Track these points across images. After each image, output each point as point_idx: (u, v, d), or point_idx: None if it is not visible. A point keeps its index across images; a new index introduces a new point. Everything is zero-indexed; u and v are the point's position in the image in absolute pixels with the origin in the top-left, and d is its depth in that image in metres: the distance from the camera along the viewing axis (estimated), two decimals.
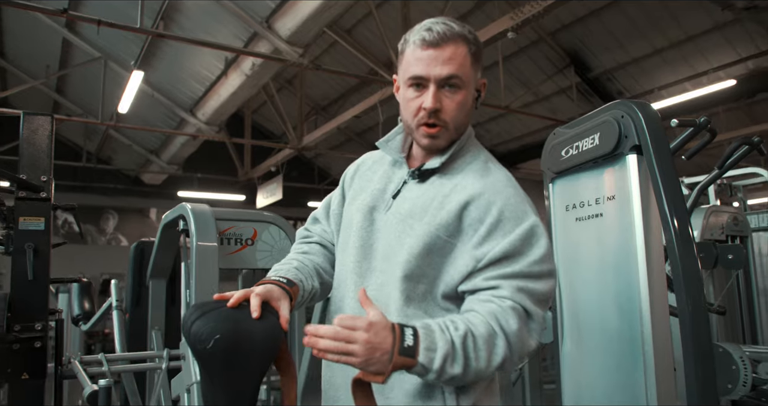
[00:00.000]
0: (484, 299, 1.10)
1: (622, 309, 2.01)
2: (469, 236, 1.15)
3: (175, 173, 12.97)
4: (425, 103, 1.17)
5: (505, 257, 1.11)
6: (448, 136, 1.22)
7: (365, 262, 1.23)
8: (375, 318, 0.99)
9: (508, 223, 1.14)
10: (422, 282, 1.16)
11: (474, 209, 1.16)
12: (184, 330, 1.05)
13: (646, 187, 1.96)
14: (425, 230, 1.16)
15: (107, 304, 2.85)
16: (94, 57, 9.39)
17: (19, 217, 1.81)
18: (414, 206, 1.21)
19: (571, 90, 10.29)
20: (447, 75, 1.16)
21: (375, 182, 1.31)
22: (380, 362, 0.97)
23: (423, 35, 1.17)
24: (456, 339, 1.02)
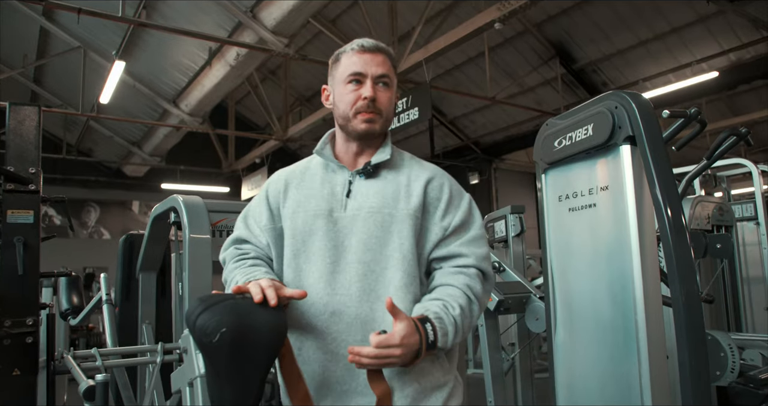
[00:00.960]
0: (454, 272, 1.37)
1: (615, 299, 2.02)
2: (432, 213, 1.40)
3: (158, 165, 12.84)
4: (365, 93, 1.38)
5: (462, 224, 1.41)
6: (382, 122, 1.43)
7: (341, 260, 1.35)
8: (404, 331, 1.19)
9: (456, 198, 1.44)
10: (413, 258, 1.36)
11: (431, 190, 1.42)
12: (188, 323, 1.04)
13: (639, 177, 1.96)
14: (406, 213, 1.37)
15: (97, 297, 2.81)
16: (73, 47, 9.23)
17: (7, 210, 1.76)
18: (383, 197, 1.39)
19: (557, 81, 10.34)
20: (381, 73, 1.40)
21: (319, 188, 1.44)
22: (412, 359, 1.21)
23: (361, 43, 1.43)
24: (457, 318, 1.28)
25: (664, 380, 1.91)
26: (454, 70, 10.93)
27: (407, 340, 1.18)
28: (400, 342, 1.17)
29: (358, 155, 1.46)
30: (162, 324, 2.88)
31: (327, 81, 1.53)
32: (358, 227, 1.36)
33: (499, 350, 3.05)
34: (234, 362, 1.01)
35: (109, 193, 13.84)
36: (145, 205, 14.58)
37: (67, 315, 2.93)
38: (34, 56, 10.28)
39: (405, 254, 1.34)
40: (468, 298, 1.33)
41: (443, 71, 10.88)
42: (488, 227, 3.90)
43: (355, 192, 1.41)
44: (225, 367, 1.02)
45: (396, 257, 1.34)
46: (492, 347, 2.96)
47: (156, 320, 2.88)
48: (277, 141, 10.89)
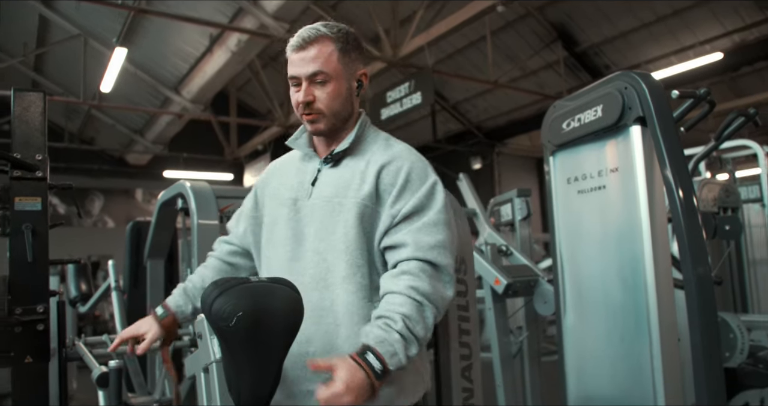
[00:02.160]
0: (396, 273, 1.28)
1: (626, 281, 2.02)
2: (384, 199, 1.34)
3: (161, 153, 12.81)
4: (299, 97, 1.37)
5: (414, 211, 1.32)
6: (327, 121, 1.39)
7: (299, 247, 1.36)
8: (345, 376, 1.12)
9: (415, 183, 1.35)
10: (361, 249, 1.32)
11: (386, 175, 1.35)
12: (204, 308, 1.04)
13: (650, 158, 1.95)
14: (354, 202, 1.33)
15: (105, 285, 2.81)
16: (73, 34, 9.16)
17: (15, 197, 1.75)
18: (337, 186, 1.37)
19: (559, 65, 10.26)
20: (313, 72, 1.35)
21: (291, 178, 1.46)
22: (367, 396, 1.14)
23: (294, 42, 1.37)
24: (402, 332, 1.20)
25: (676, 361, 1.91)
26: (455, 54, 10.86)
27: (352, 383, 1.12)
28: (345, 389, 1.11)
29: (328, 145, 1.46)
30: None
31: None
32: (315, 216, 1.37)
33: (507, 333, 3.06)
34: (251, 345, 1.01)
35: (112, 182, 13.84)
36: (149, 193, 14.58)
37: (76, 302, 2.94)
38: (34, 44, 10.22)
39: (348, 245, 1.32)
40: (414, 302, 1.24)
41: (445, 56, 10.80)
42: (494, 210, 3.89)
43: (320, 180, 1.42)
44: (242, 351, 1.02)
45: (340, 247, 1.33)
46: (500, 331, 2.97)
47: None
48: (279, 128, 10.86)
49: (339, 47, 1.38)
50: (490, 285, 2.94)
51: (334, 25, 1.40)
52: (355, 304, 1.30)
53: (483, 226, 3.54)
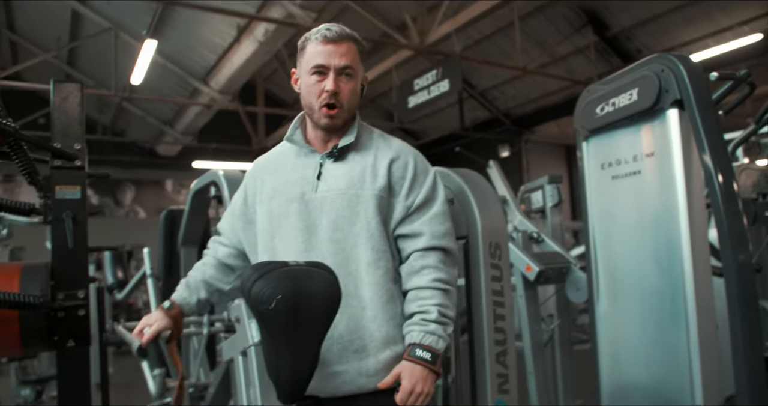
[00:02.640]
0: (418, 270, 1.44)
1: (662, 267, 1.99)
2: (397, 191, 1.47)
3: (190, 144, 12.96)
4: (327, 87, 1.43)
5: (425, 201, 1.48)
6: (344, 116, 1.48)
7: (313, 238, 1.44)
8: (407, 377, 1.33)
9: (421, 175, 1.50)
10: (383, 236, 1.44)
11: (396, 169, 1.49)
12: (243, 292, 1.06)
13: (687, 142, 1.91)
14: (371, 194, 1.44)
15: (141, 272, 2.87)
16: (104, 28, 9.30)
17: (55, 186, 1.79)
18: (350, 179, 1.46)
19: (589, 50, 10.07)
20: (344, 65, 1.44)
21: (291, 173, 1.53)
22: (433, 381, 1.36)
23: (324, 33, 1.45)
24: (438, 319, 1.39)
25: (714, 349, 1.88)
26: (483, 40, 10.73)
27: (415, 379, 1.33)
28: (412, 388, 1.33)
29: (326, 140, 1.53)
30: None
31: (367, 49, 1.56)
32: (327, 207, 1.45)
33: (538, 321, 3.04)
34: (291, 328, 1.02)
35: (143, 173, 14.07)
36: (179, 183, 14.80)
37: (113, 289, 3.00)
38: (67, 39, 10.40)
39: (372, 232, 1.43)
40: (441, 291, 1.42)
41: (472, 42, 10.68)
42: (524, 197, 3.86)
43: (325, 174, 1.49)
44: (282, 333, 1.03)
45: (364, 235, 1.43)
46: (531, 318, 2.96)
47: None
48: None
49: (359, 49, 1.50)
50: (521, 272, 2.92)
51: (351, 31, 1.51)
52: (381, 286, 1.42)
53: (513, 213, 3.52)
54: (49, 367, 4.84)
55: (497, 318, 1.63)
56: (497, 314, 1.64)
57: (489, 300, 1.65)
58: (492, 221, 1.75)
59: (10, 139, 1.62)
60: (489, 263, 1.70)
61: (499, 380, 1.62)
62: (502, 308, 1.65)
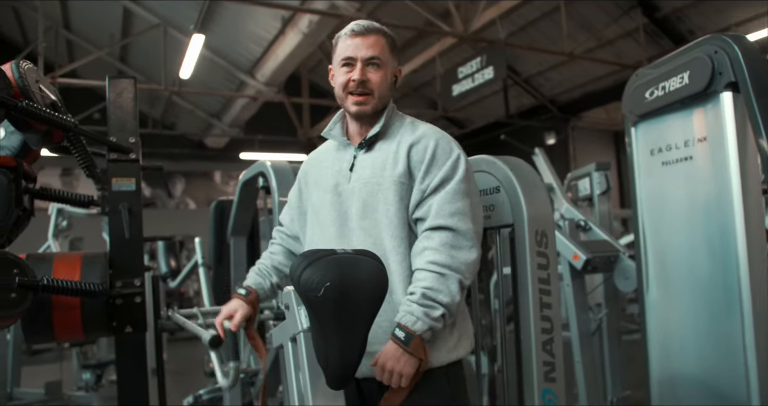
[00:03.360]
0: (419, 251, 1.43)
1: (715, 255, 1.93)
2: (415, 175, 1.49)
3: (237, 136, 13.22)
4: (354, 76, 1.49)
5: (440, 183, 1.46)
6: (374, 102, 1.52)
7: (344, 227, 1.51)
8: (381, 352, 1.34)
9: (441, 157, 1.49)
10: (403, 222, 1.47)
11: (414, 153, 1.50)
12: (293, 279, 1.09)
13: (743, 126, 1.85)
14: (391, 180, 1.48)
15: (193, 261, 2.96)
16: (154, 24, 9.55)
17: (112, 178, 1.87)
18: (373, 168, 1.51)
19: (638, 32, 9.75)
20: (371, 56, 1.50)
21: (329, 167, 1.60)
22: (403, 361, 1.32)
23: (352, 27, 1.52)
24: (419, 301, 1.35)
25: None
26: (528, 26, 10.53)
27: (385, 357, 1.32)
28: (382, 364, 1.32)
29: (361, 132, 1.58)
30: None
31: (398, 44, 1.61)
32: (355, 196, 1.51)
33: (586, 310, 3.00)
34: (339, 314, 1.05)
35: (192, 165, 14.42)
36: (227, 175, 15.11)
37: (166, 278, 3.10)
38: (119, 36, 10.72)
39: (391, 219, 1.47)
40: (434, 274, 1.38)
41: (517, 28, 10.50)
42: (571, 185, 3.80)
43: (357, 165, 1.55)
44: (331, 320, 1.06)
45: (384, 222, 1.47)
46: (579, 307, 2.92)
47: None
48: None
49: (388, 42, 1.55)
50: (568, 261, 2.89)
51: (382, 26, 1.57)
52: (400, 273, 1.45)
53: (560, 201, 3.47)
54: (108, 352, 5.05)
55: (544, 306, 1.62)
56: (544, 302, 1.63)
57: (535, 288, 1.64)
58: (538, 209, 1.73)
59: (70, 134, 1.70)
60: (535, 251, 1.68)
61: (546, 369, 1.61)
62: (549, 297, 1.64)
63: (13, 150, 1.71)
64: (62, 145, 1.77)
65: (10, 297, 1.46)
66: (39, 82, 1.64)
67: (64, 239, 4.83)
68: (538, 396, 1.63)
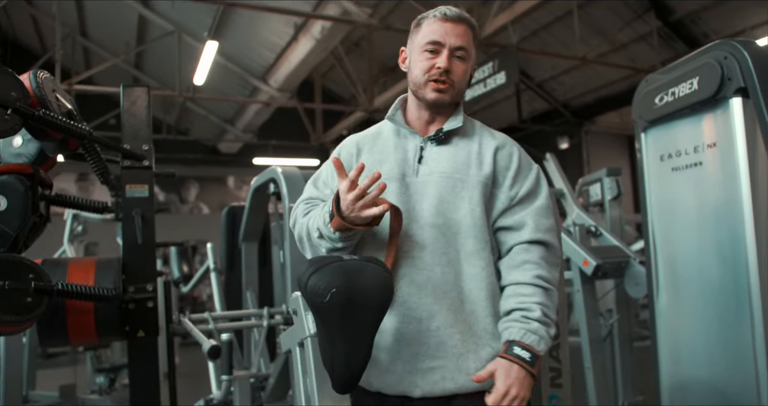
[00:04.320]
0: (519, 264, 1.35)
1: (725, 261, 1.93)
2: (500, 181, 1.41)
3: (250, 141, 13.29)
4: (439, 63, 1.38)
5: (528, 194, 1.42)
6: (453, 93, 1.42)
7: (413, 223, 1.35)
8: (502, 376, 1.23)
9: (525, 168, 1.45)
10: (486, 225, 1.38)
11: (500, 159, 1.43)
12: (300, 285, 1.10)
13: (752, 132, 1.85)
14: (477, 180, 1.38)
15: (205, 266, 2.99)
16: (168, 31, 9.66)
17: (126, 185, 1.90)
18: (455, 163, 1.40)
19: (652, 36, 9.70)
20: (460, 45, 1.39)
21: (392, 153, 1.44)
22: (530, 382, 1.25)
23: (444, 11, 1.41)
24: (540, 319, 1.29)
25: None
26: (540, 31, 10.51)
27: (511, 381, 1.22)
28: (506, 389, 1.22)
29: (429, 123, 1.47)
30: (264, 290, 3.04)
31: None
32: (429, 191, 1.37)
33: (596, 316, 2.99)
34: (345, 320, 1.06)
35: (206, 170, 14.52)
36: (240, 180, 15.20)
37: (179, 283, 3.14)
38: (134, 43, 10.86)
39: (476, 220, 1.36)
40: (543, 289, 1.33)
41: (529, 33, 10.49)
42: (583, 190, 3.79)
43: (427, 158, 1.42)
44: (337, 325, 1.08)
45: (467, 222, 1.36)
46: (590, 313, 2.91)
47: (258, 286, 3.04)
48: (363, 112, 10.97)
49: (475, 36, 1.45)
50: (578, 267, 2.88)
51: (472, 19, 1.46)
52: (482, 278, 1.34)
53: (571, 206, 3.46)
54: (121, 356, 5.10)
55: None
56: None
57: None
58: None
59: (85, 142, 1.73)
60: None
61: (552, 374, 1.61)
62: None
63: (30, 157, 1.74)
64: (77, 153, 1.80)
65: (25, 301, 1.48)
66: (55, 92, 1.68)
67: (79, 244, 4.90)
68: (545, 401, 1.63)
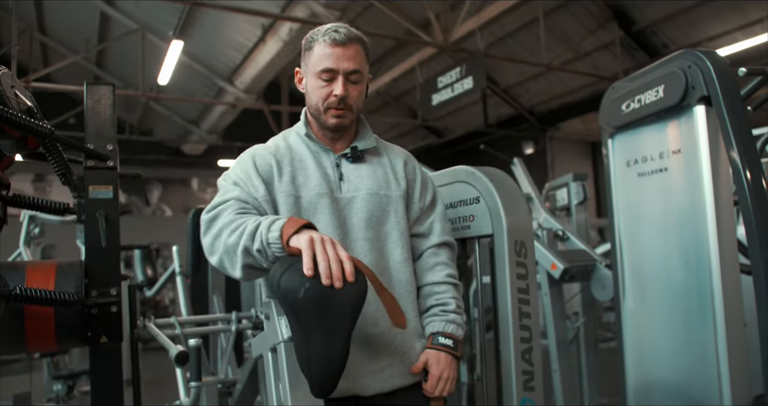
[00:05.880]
0: (432, 266, 1.54)
1: (689, 265, 1.97)
2: (410, 192, 1.56)
3: (215, 143, 13.11)
4: (336, 91, 1.42)
5: (431, 202, 1.60)
6: (352, 116, 1.49)
7: (346, 237, 1.44)
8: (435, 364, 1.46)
9: (425, 179, 1.62)
10: (408, 235, 1.53)
11: (408, 172, 1.58)
12: (273, 285, 1.09)
13: (715, 139, 1.89)
14: (399, 194, 1.52)
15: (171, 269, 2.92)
16: (132, 29, 9.46)
17: (89, 186, 1.84)
18: (376, 180, 1.50)
19: (615, 45, 9.94)
20: (352, 69, 1.43)
21: (315, 169, 1.48)
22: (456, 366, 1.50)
23: (333, 36, 1.41)
24: (454, 310, 1.52)
25: (742, 348, 1.86)
26: (507, 37, 10.66)
27: (442, 366, 1.45)
28: (440, 373, 1.44)
29: (334, 140, 1.55)
30: (231, 294, 2.98)
31: (378, 54, 1.62)
32: (358, 207, 1.46)
33: (563, 319, 3.03)
34: (321, 315, 1.06)
35: (169, 172, 14.27)
36: (204, 182, 14.99)
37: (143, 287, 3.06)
38: (96, 40, 10.60)
39: (402, 232, 1.50)
40: (453, 285, 1.55)
41: (496, 39, 10.63)
42: (549, 195, 3.84)
43: (347, 175, 1.50)
44: (313, 321, 1.07)
45: (394, 234, 1.49)
46: (556, 316, 2.95)
47: (225, 290, 2.99)
48: None
49: (366, 51, 1.48)
50: (546, 270, 2.92)
51: (358, 31, 1.48)
52: (410, 282, 1.50)
53: (538, 210, 3.51)
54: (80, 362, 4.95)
55: (523, 316, 1.63)
56: (523, 311, 1.64)
57: (514, 298, 1.65)
58: (517, 219, 1.75)
59: (46, 141, 1.67)
60: (514, 261, 1.70)
61: (525, 378, 1.62)
62: (528, 306, 1.65)
63: None
64: (37, 152, 1.73)
65: None
66: (14, 88, 1.61)
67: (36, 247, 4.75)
68: (517, 405, 1.64)
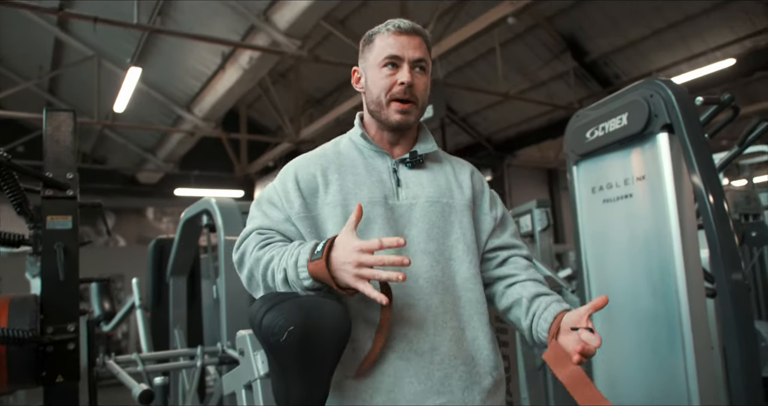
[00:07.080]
0: (525, 267, 1.40)
1: (656, 289, 1.99)
2: (479, 203, 1.42)
3: (172, 171, 12.87)
4: (401, 78, 1.29)
5: (503, 216, 1.47)
6: (417, 113, 1.35)
7: (404, 251, 1.25)
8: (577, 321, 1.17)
9: (493, 192, 1.50)
10: (476, 248, 1.36)
11: (475, 182, 1.44)
12: (253, 324, 1.03)
13: (678, 165, 1.94)
14: (464, 204, 1.37)
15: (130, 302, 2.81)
16: (88, 56, 9.28)
17: (47, 216, 1.76)
18: (438, 187, 1.36)
19: (569, 75, 10.27)
20: (418, 57, 1.32)
21: (367, 175, 1.34)
22: None
23: (397, 24, 1.33)
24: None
25: (711, 372, 1.88)
26: (465, 67, 10.89)
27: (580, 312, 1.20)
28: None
29: (393, 144, 1.39)
30: (192, 327, 2.89)
31: (337, 82, 1.53)
32: (417, 216, 1.31)
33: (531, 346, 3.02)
34: (302, 359, 1.00)
35: (123, 201, 13.88)
36: (160, 211, 14.63)
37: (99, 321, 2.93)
38: (49, 67, 10.35)
39: (469, 245, 1.34)
40: (541, 285, 1.38)
41: (454, 68, 10.84)
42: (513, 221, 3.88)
43: (405, 181, 1.34)
44: (294, 364, 1.01)
45: (460, 247, 1.33)
46: (524, 343, 2.94)
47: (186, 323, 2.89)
48: (290, 144, 10.90)
49: (428, 47, 1.38)
50: None
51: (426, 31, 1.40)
52: (481, 303, 1.32)
53: None
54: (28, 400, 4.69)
55: (501, 345, 1.62)
56: (500, 340, 1.62)
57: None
58: None
59: (2, 169, 1.59)
60: None
61: None
62: (505, 335, 1.64)
63: None
64: None
65: None
66: None
67: None
68: None
